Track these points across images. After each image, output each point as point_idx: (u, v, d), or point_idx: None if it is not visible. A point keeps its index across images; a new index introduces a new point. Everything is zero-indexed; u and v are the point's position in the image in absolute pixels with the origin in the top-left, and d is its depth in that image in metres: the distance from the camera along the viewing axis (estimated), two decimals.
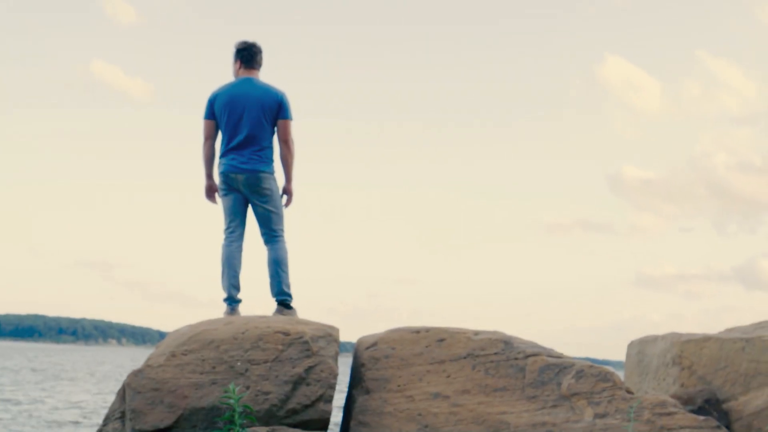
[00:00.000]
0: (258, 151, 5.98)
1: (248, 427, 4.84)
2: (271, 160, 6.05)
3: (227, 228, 6.11)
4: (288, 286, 6.02)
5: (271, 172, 6.04)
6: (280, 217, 6.08)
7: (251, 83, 6.05)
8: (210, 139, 6.15)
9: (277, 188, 6.10)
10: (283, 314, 5.93)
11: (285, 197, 6.18)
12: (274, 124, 6.02)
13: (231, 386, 4.24)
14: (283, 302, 6.00)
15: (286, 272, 6.03)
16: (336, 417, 5.89)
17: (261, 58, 6.15)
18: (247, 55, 6.10)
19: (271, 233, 6.06)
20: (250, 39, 6.14)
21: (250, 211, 6.13)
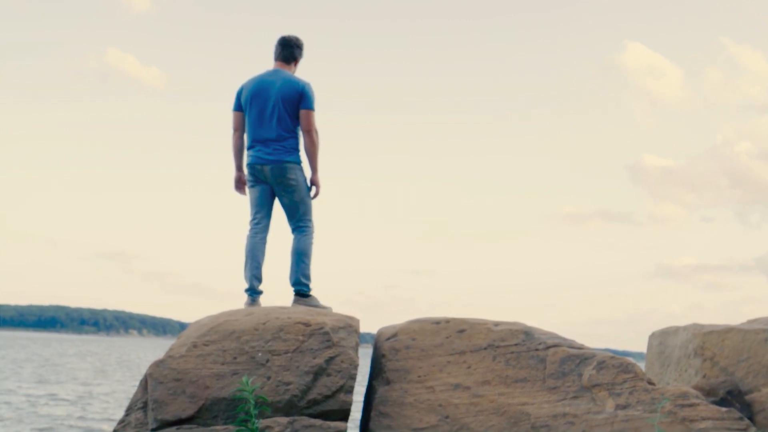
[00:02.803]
0: (282, 142, 5.99)
1: (265, 417, 4.86)
2: (296, 150, 6.05)
3: (252, 219, 6.13)
4: (306, 277, 6.01)
5: (297, 162, 6.03)
6: (306, 207, 6.07)
7: (276, 74, 6.09)
8: (238, 130, 6.19)
9: (304, 179, 6.07)
10: (300, 303, 5.94)
11: (313, 188, 6.16)
12: (298, 115, 6.02)
13: (245, 378, 4.26)
14: (299, 292, 6.01)
15: (305, 263, 6.02)
16: (356, 408, 5.91)
17: (291, 52, 6.18)
18: (276, 48, 6.21)
19: (297, 224, 6.07)
20: (293, 33, 6.24)
21: (277, 203, 6.15)
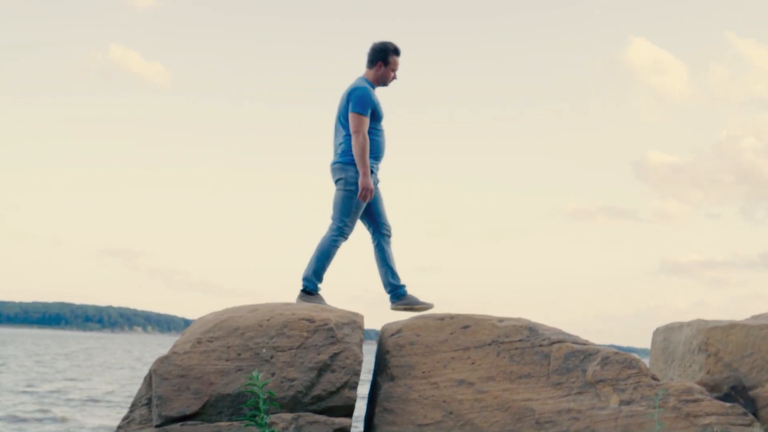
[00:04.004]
0: (341, 146, 6.03)
1: (273, 413, 4.87)
2: (344, 152, 6.00)
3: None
4: (313, 273, 5.96)
5: (343, 163, 5.97)
6: (341, 208, 5.95)
7: (354, 81, 6.14)
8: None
9: (354, 180, 5.92)
10: (303, 300, 5.92)
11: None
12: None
13: (255, 373, 4.26)
14: (303, 288, 5.99)
15: (317, 259, 5.95)
16: (361, 404, 5.91)
17: (369, 56, 6.16)
18: None
19: (331, 221, 6.02)
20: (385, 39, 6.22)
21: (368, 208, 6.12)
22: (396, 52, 6.14)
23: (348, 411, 5.11)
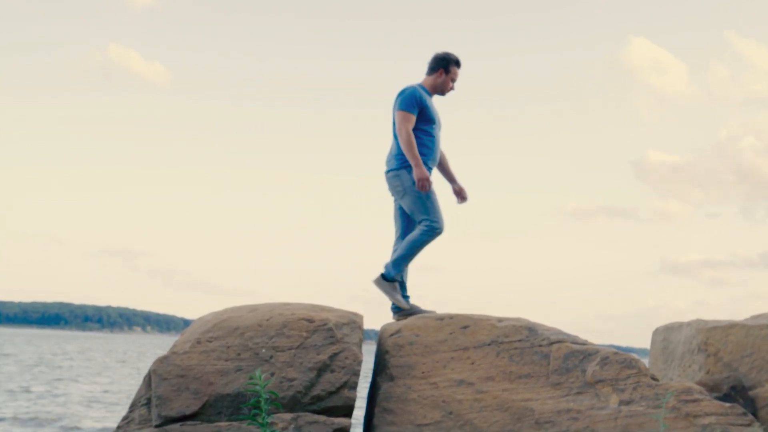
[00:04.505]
0: (392, 151, 6.03)
1: (274, 413, 4.87)
2: (397, 156, 5.97)
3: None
4: (394, 261, 5.90)
5: (395, 169, 5.95)
6: (418, 208, 5.88)
7: None
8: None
9: (411, 182, 5.88)
10: (377, 284, 5.89)
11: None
12: None
13: (257, 372, 4.26)
14: (382, 274, 5.95)
15: (402, 248, 5.89)
16: (360, 404, 5.91)
17: (431, 64, 6.15)
18: None
19: (417, 223, 5.96)
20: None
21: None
22: (457, 63, 6.15)
23: (347, 411, 5.11)
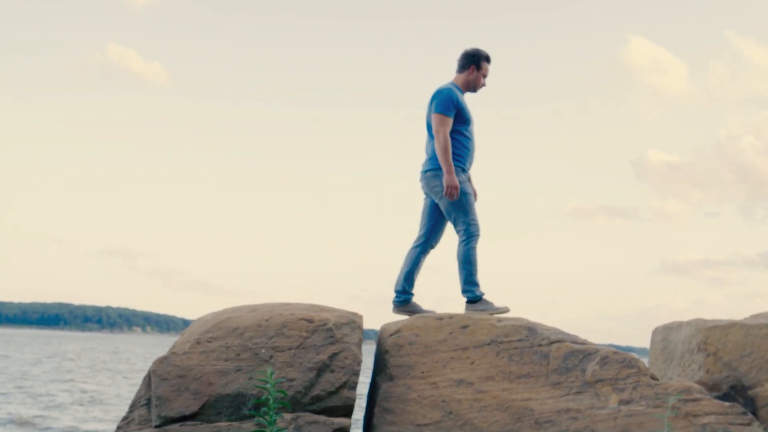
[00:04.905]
0: (429, 152, 6.00)
1: (282, 412, 4.86)
2: (431, 159, 5.95)
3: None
4: (469, 282, 5.85)
5: (433, 170, 5.92)
6: (456, 212, 5.87)
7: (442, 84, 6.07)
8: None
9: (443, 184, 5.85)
10: (470, 309, 5.81)
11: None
12: None
13: (269, 371, 4.27)
14: (468, 299, 5.88)
15: (467, 269, 5.85)
16: (360, 404, 5.91)
17: (461, 61, 6.11)
18: None
19: (456, 230, 5.93)
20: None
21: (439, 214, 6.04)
22: (488, 59, 6.12)
23: (347, 411, 5.11)
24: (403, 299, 6.00)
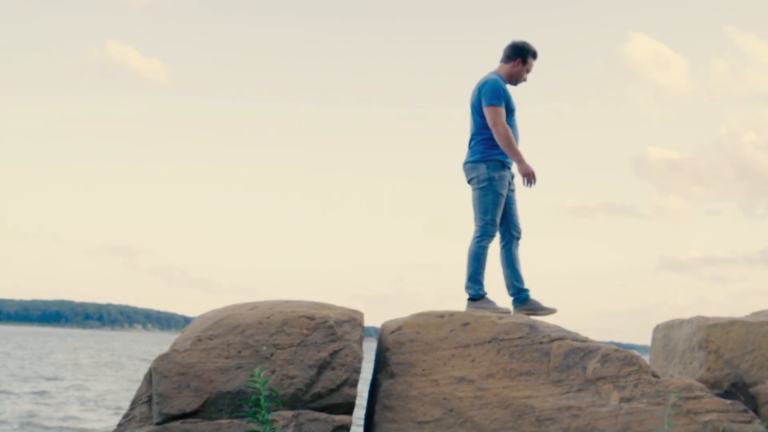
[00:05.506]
0: (471, 144, 5.98)
1: (274, 410, 4.87)
2: (479, 150, 5.91)
3: None
4: (469, 279, 5.88)
5: (475, 161, 5.90)
6: (476, 207, 5.88)
7: (486, 75, 6.02)
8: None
9: (487, 178, 5.83)
10: (470, 307, 5.83)
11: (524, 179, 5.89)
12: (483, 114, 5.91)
13: (257, 370, 4.26)
14: (469, 296, 5.90)
15: (469, 264, 5.87)
16: (361, 401, 5.91)
17: (507, 52, 6.06)
18: None
19: (474, 225, 5.92)
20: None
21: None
22: (534, 55, 6.09)
23: (348, 408, 5.11)
24: (524, 297, 5.96)
